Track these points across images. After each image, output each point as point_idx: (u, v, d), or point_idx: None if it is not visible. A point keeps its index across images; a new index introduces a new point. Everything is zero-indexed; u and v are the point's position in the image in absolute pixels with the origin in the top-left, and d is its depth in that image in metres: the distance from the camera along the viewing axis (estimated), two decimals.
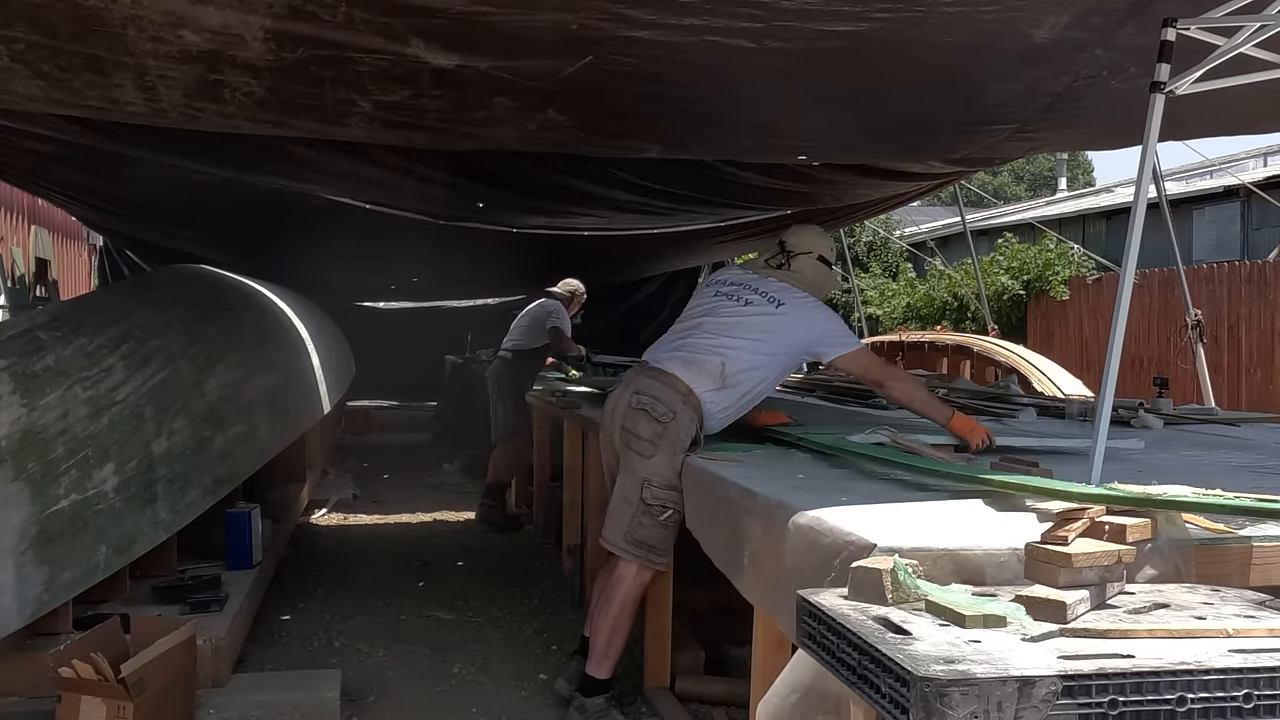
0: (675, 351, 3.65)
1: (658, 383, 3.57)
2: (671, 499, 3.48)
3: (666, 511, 3.49)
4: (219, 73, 3.15)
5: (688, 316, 3.78)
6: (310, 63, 3.10)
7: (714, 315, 3.69)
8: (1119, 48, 3.21)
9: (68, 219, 11.96)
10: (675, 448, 3.48)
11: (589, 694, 3.62)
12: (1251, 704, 1.40)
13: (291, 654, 4.41)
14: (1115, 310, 2.63)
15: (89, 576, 3.18)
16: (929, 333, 10.87)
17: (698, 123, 4.03)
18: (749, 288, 3.70)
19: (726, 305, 3.69)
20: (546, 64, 3.20)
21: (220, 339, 4.73)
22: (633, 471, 3.55)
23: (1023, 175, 39.55)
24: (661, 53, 3.12)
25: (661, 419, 3.49)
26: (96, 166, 5.83)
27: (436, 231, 7.71)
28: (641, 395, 3.56)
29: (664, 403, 3.51)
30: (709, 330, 3.64)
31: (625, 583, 3.59)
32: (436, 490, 8.59)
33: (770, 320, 3.60)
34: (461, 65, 3.15)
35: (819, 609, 1.69)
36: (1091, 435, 2.60)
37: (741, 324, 3.61)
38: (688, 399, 3.51)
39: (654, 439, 3.49)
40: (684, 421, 3.50)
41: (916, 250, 17.20)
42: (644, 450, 3.51)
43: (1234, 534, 2.03)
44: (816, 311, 3.68)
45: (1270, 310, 10.17)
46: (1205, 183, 15.38)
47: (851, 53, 3.15)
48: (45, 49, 2.99)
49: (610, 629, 3.60)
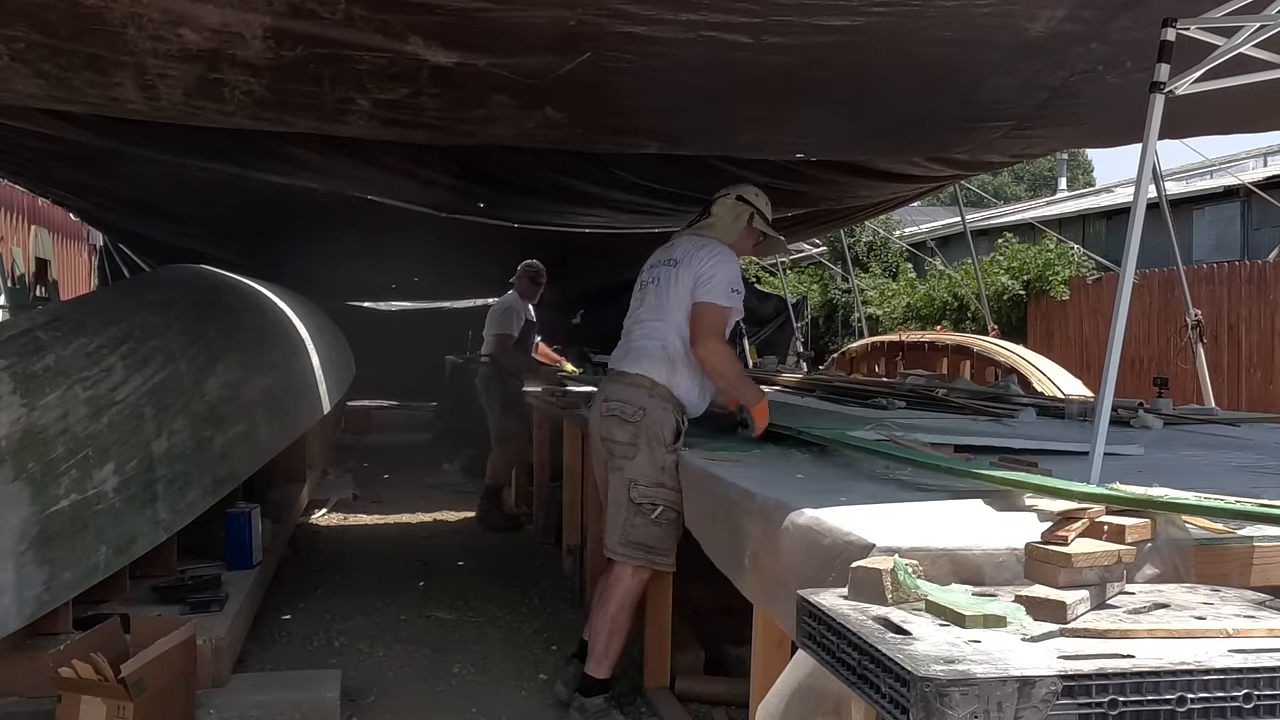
0: (627, 350, 3.75)
1: (620, 385, 3.66)
2: (661, 495, 3.51)
3: (657, 508, 3.52)
4: (219, 71, 3.15)
5: (629, 313, 3.87)
6: (309, 61, 3.11)
7: (644, 304, 3.79)
8: (1114, 41, 3.23)
9: (68, 219, 11.96)
10: (654, 443, 3.54)
11: (589, 694, 3.62)
12: (1251, 704, 1.40)
13: (291, 654, 4.41)
14: (1115, 310, 2.63)
15: (89, 576, 3.18)
16: (929, 333, 10.86)
17: (696, 119, 4.04)
18: (661, 263, 3.79)
19: (650, 289, 3.78)
20: (544, 61, 3.21)
21: (220, 339, 4.73)
22: (620, 476, 3.60)
23: (1023, 175, 39.55)
24: (659, 49, 3.13)
25: (633, 419, 3.57)
26: (97, 164, 5.83)
27: (438, 227, 7.68)
28: (609, 402, 3.66)
29: (631, 403, 3.59)
30: (643, 319, 3.75)
31: (623, 583, 3.60)
32: (436, 490, 8.59)
33: (677, 284, 3.67)
34: (460, 63, 3.16)
35: (819, 609, 1.69)
36: (1086, 436, 2.60)
37: (663, 302, 3.69)
38: (653, 392, 3.59)
39: (632, 440, 3.56)
40: (656, 414, 3.56)
41: (916, 250, 17.20)
42: (626, 454, 3.58)
43: (1233, 534, 2.03)
44: (706, 255, 3.67)
45: (1270, 310, 10.17)
46: (1205, 183, 15.39)
47: (849, 48, 3.16)
48: (45, 48, 2.99)
49: (609, 630, 3.61)
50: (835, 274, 17.52)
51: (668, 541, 3.57)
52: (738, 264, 3.75)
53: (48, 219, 11.57)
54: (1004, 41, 3.22)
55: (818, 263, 18.49)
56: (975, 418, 4.32)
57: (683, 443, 3.57)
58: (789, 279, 16.93)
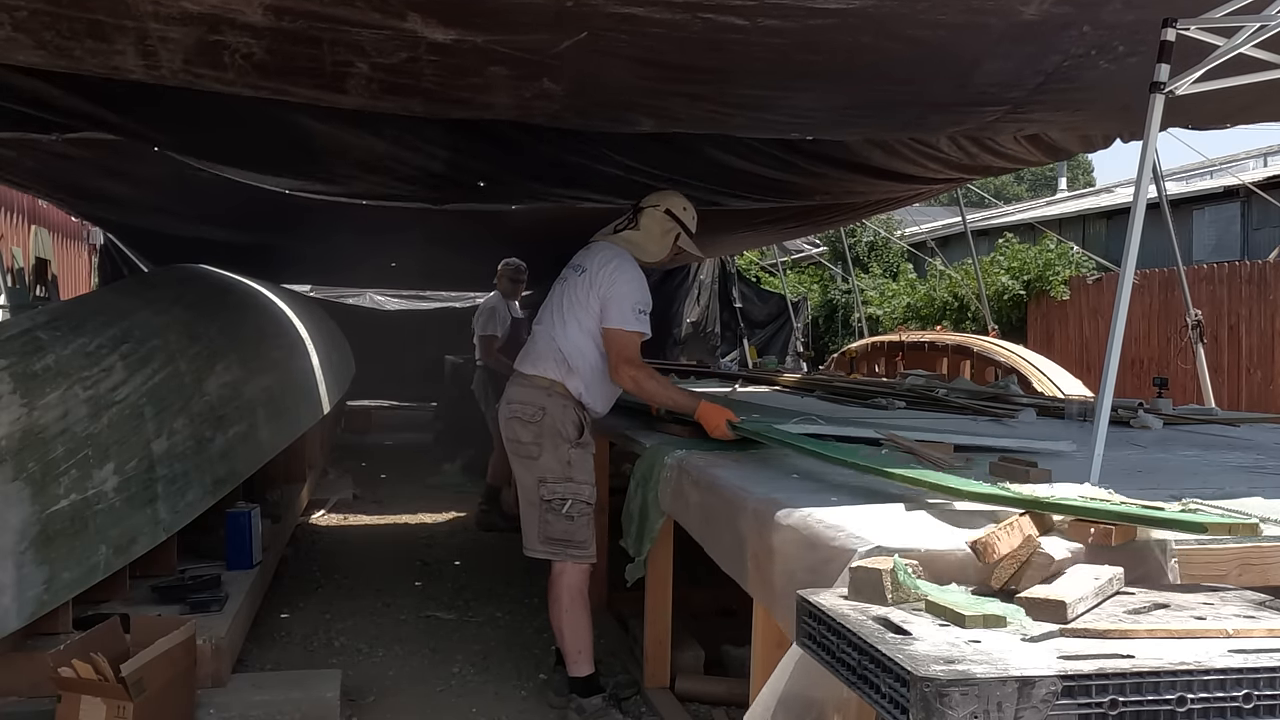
0: (528, 352, 3.82)
1: (520, 387, 3.75)
2: (569, 490, 3.61)
3: (567, 503, 3.62)
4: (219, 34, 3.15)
5: (538, 313, 3.92)
6: (309, 35, 3.12)
7: (550, 304, 3.84)
8: (1105, 24, 3.24)
9: (68, 219, 11.95)
10: (557, 439, 3.63)
11: (584, 694, 3.65)
12: (1251, 704, 1.40)
13: (291, 654, 4.42)
14: (1115, 310, 2.63)
15: (89, 576, 3.18)
16: (929, 333, 10.85)
17: (690, 100, 4.05)
18: (573, 267, 3.82)
19: (557, 290, 3.83)
20: (541, 38, 3.24)
21: (220, 339, 4.74)
22: (529, 475, 3.68)
23: (1023, 175, 39.53)
24: (658, 30, 3.16)
25: (533, 420, 3.66)
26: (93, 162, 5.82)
27: (438, 221, 7.66)
28: (512, 404, 3.75)
29: (530, 404, 3.68)
30: (546, 320, 3.80)
31: (562, 580, 3.69)
32: (436, 490, 8.60)
33: (584, 289, 3.71)
34: (458, 39, 3.19)
35: (819, 609, 1.69)
36: (1086, 437, 2.60)
37: (566, 304, 3.74)
38: (551, 390, 3.67)
39: (535, 439, 3.65)
40: (556, 412, 3.65)
41: (917, 250, 17.19)
42: (531, 453, 3.67)
43: (1232, 534, 2.03)
44: (612, 273, 3.68)
45: (1270, 310, 10.16)
46: (1205, 183, 15.39)
47: (844, 30, 3.18)
48: (47, 15, 2.99)
49: (569, 628, 3.68)
50: (835, 274, 17.52)
51: (583, 534, 3.66)
52: (643, 279, 3.76)
53: (48, 219, 11.56)
54: (997, 25, 3.24)
55: (818, 263, 18.49)
56: (975, 418, 4.31)
57: (587, 437, 3.68)
58: (789, 279, 16.92)
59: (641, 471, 3.49)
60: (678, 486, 3.19)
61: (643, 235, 3.84)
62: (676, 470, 3.21)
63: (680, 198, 3.99)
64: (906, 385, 5.96)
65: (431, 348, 12.29)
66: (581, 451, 3.68)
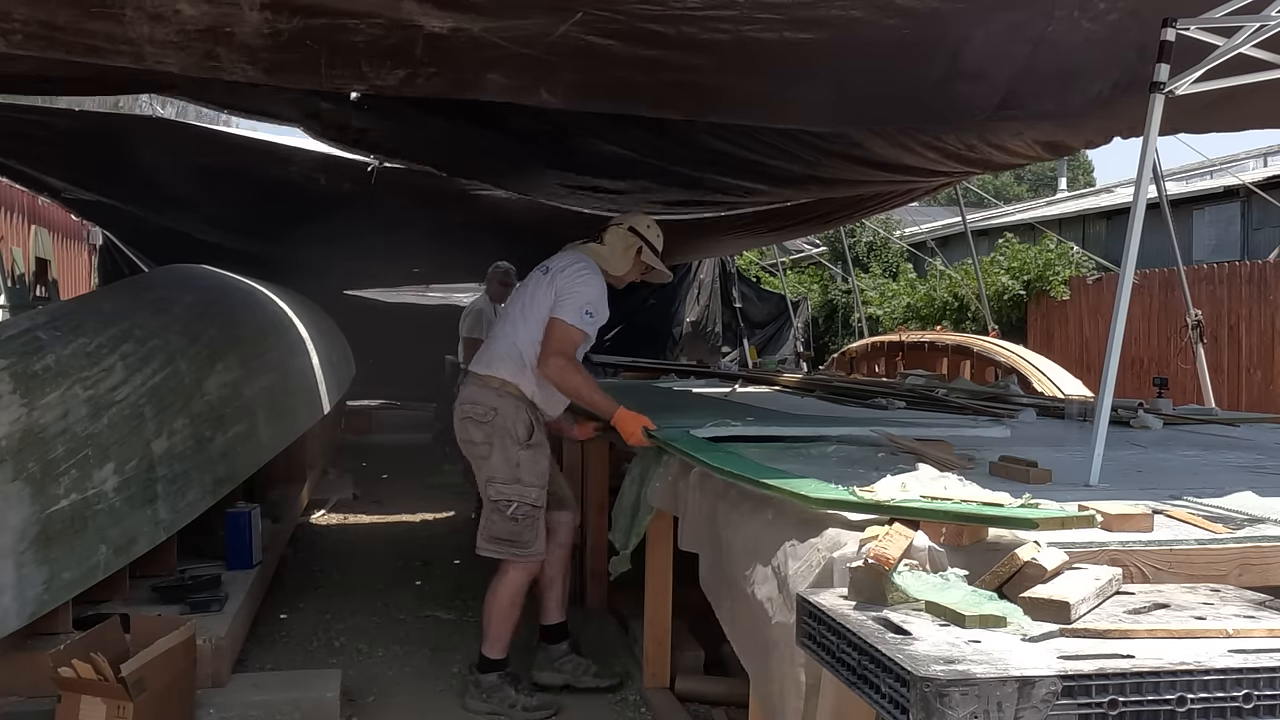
0: (484, 352, 3.87)
1: (474, 387, 3.80)
2: (515, 491, 3.66)
3: (512, 504, 3.66)
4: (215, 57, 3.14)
5: (499, 314, 3.98)
6: (305, 34, 3.11)
7: (513, 304, 3.90)
8: None
9: (68, 219, 11.96)
10: (507, 440, 3.68)
11: (485, 671, 3.78)
12: (1251, 704, 1.40)
13: (291, 654, 4.42)
14: (1115, 310, 2.63)
15: (89, 576, 3.18)
16: (929, 333, 10.85)
17: (679, 89, 4.06)
18: (538, 269, 3.88)
19: (522, 292, 3.89)
20: (537, 22, 3.24)
21: (220, 339, 4.74)
22: (480, 474, 3.75)
23: (1023, 175, 39.50)
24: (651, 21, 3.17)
25: (485, 419, 3.71)
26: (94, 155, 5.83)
27: (438, 217, 7.67)
28: (464, 404, 3.81)
29: (482, 404, 3.73)
30: (507, 320, 3.86)
31: (506, 577, 3.77)
32: (436, 490, 8.59)
33: (545, 288, 3.75)
34: (455, 28, 3.18)
35: (819, 609, 1.69)
36: (1086, 437, 2.60)
37: (527, 304, 3.78)
38: (502, 390, 3.72)
39: (486, 440, 3.71)
40: (508, 413, 3.70)
41: (917, 250, 17.19)
42: (482, 453, 3.73)
43: (1231, 534, 2.03)
44: (574, 273, 3.75)
45: (1270, 310, 10.16)
46: (1205, 183, 15.37)
47: (835, 4, 3.19)
48: (44, 40, 2.98)
49: (500, 618, 3.77)
50: (835, 274, 17.50)
51: (528, 535, 3.70)
52: (604, 289, 3.79)
53: (48, 219, 11.56)
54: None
55: (818, 263, 18.49)
56: (975, 418, 4.31)
57: (539, 438, 3.72)
58: (789, 279, 16.92)
59: (639, 470, 3.49)
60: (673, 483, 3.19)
61: (607, 249, 3.92)
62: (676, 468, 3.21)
63: (645, 218, 4.09)
64: (906, 385, 5.96)
65: (431, 347, 12.27)
66: (532, 453, 3.72)
